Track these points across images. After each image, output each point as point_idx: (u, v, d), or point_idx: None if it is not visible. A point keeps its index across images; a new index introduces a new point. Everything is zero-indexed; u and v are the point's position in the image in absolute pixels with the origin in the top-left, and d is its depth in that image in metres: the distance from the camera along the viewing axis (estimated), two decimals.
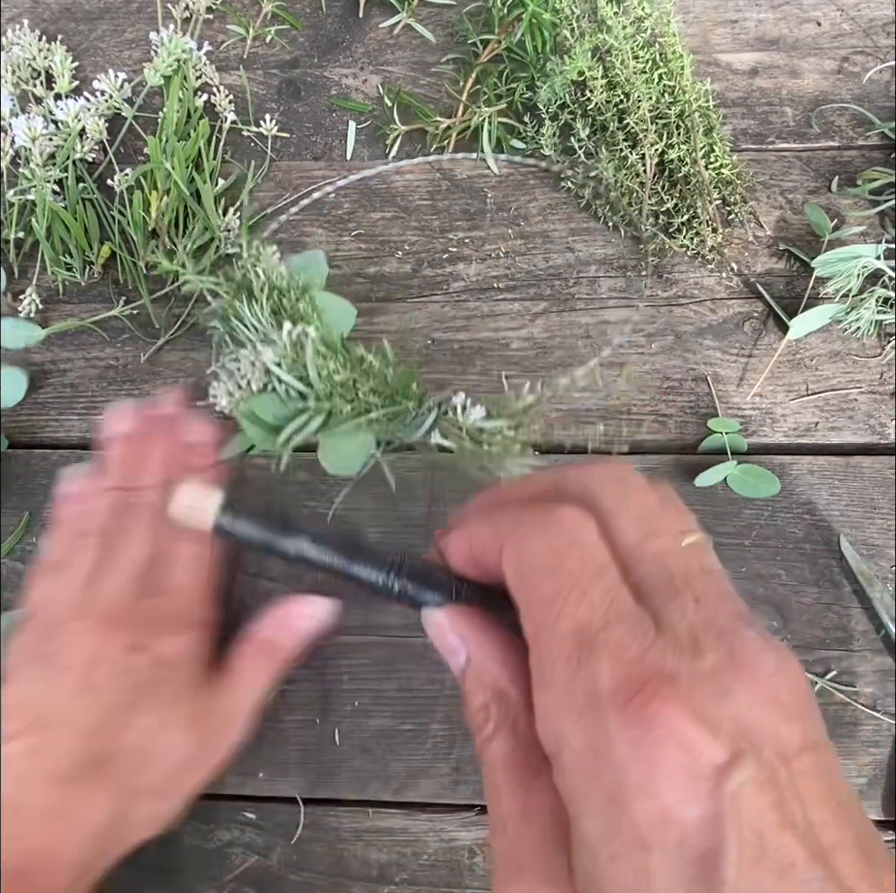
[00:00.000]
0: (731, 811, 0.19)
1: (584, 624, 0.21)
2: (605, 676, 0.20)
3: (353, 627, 0.47)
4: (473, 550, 0.27)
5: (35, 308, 0.53)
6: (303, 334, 0.37)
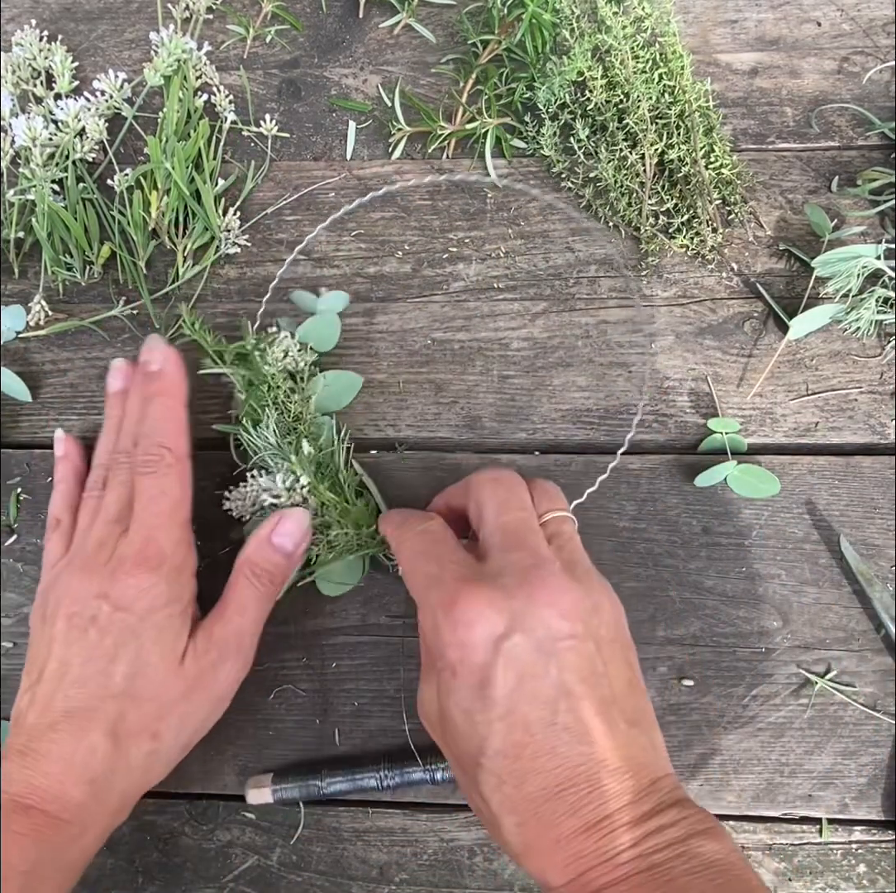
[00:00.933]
0: (502, 659, 0.33)
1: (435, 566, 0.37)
2: (443, 589, 0.35)
3: (353, 627, 0.47)
4: (448, 502, 0.43)
5: (44, 316, 0.53)
6: (294, 481, 0.45)
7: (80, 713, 0.38)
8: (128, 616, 0.39)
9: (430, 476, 0.50)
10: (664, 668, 0.46)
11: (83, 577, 0.41)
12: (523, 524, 0.38)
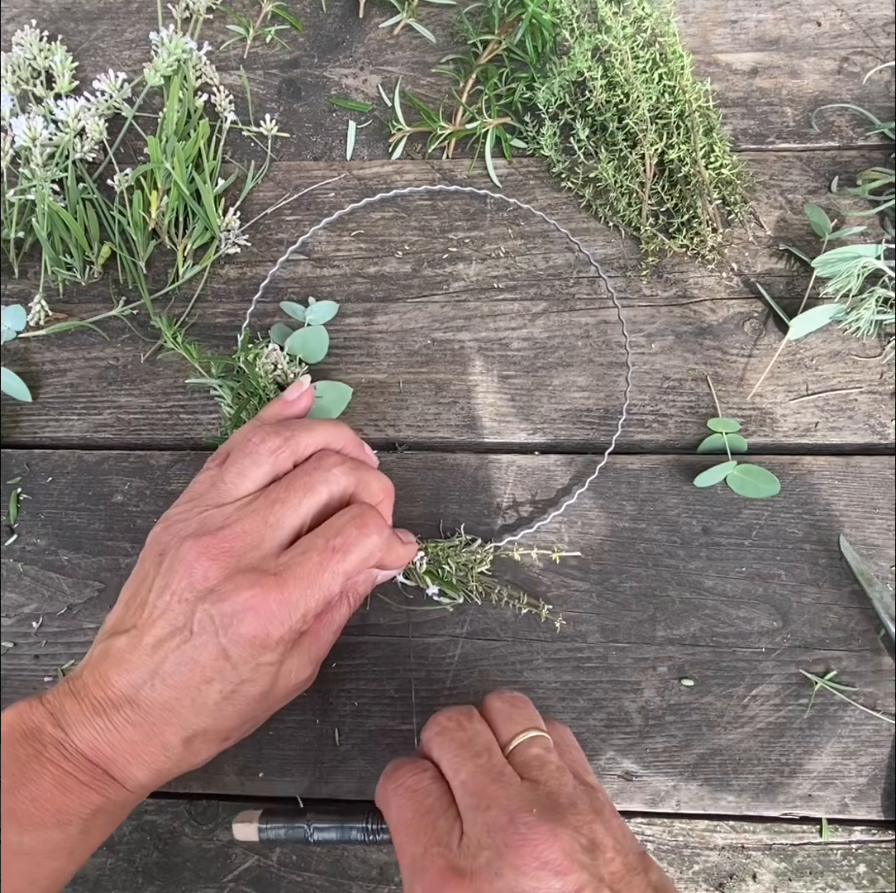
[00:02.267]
0: None
1: (420, 847, 0.32)
2: (427, 882, 0.31)
3: (352, 627, 0.47)
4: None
5: (44, 316, 0.53)
6: None
7: (161, 711, 0.37)
8: (232, 645, 0.37)
9: (430, 476, 0.50)
10: (664, 668, 0.46)
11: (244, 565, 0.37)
12: (483, 775, 0.33)
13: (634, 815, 0.45)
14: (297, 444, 0.42)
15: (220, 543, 0.38)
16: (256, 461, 0.41)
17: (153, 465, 0.51)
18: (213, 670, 0.37)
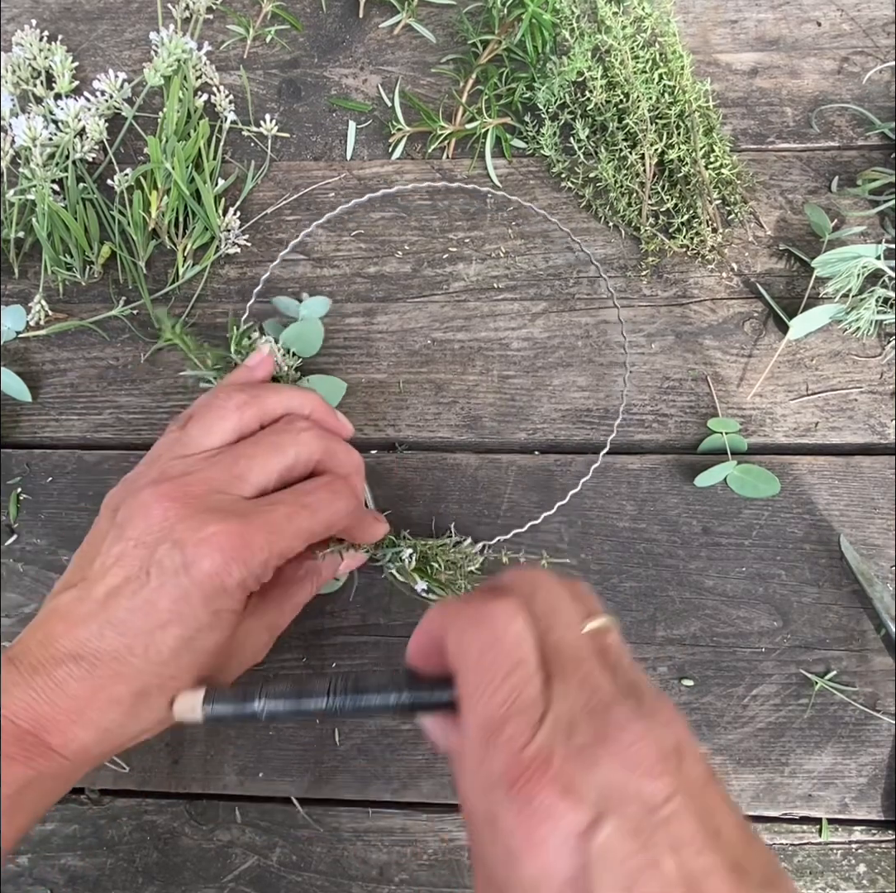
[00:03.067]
0: (598, 862, 0.24)
1: (491, 717, 0.26)
2: (499, 765, 0.25)
3: (353, 627, 0.47)
4: (428, 640, 0.32)
5: (44, 316, 0.53)
6: None
7: (110, 662, 0.34)
8: (193, 586, 0.34)
9: (430, 476, 0.50)
10: (664, 668, 0.46)
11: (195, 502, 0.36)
12: (576, 642, 0.29)
13: None
14: (264, 402, 0.41)
15: (181, 487, 0.36)
16: (222, 416, 0.39)
17: None
18: (172, 613, 0.34)
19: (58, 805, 0.47)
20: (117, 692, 0.34)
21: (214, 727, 0.45)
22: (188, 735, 0.47)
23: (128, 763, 0.47)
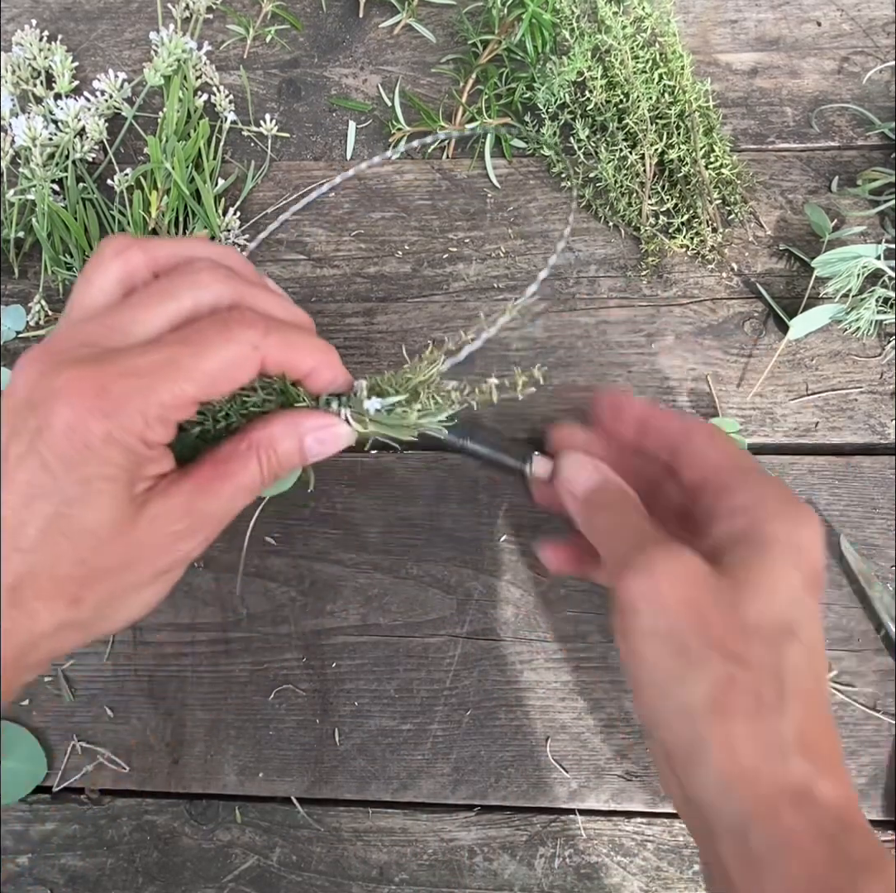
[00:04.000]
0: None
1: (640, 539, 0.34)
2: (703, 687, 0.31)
3: (352, 627, 0.47)
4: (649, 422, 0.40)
5: (44, 316, 0.53)
6: None
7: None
8: (49, 450, 0.29)
9: (430, 476, 0.50)
10: None
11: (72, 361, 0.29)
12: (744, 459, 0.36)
13: (634, 815, 0.45)
14: (155, 249, 0.34)
15: (48, 347, 0.31)
16: (100, 265, 0.33)
17: None
18: (33, 487, 0.29)
19: (58, 805, 0.47)
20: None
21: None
22: (188, 735, 0.47)
23: (128, 763, 0.47)
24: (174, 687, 0.47)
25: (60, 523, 0.30)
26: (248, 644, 0.47)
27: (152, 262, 0.34)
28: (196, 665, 0.48)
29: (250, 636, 0.48)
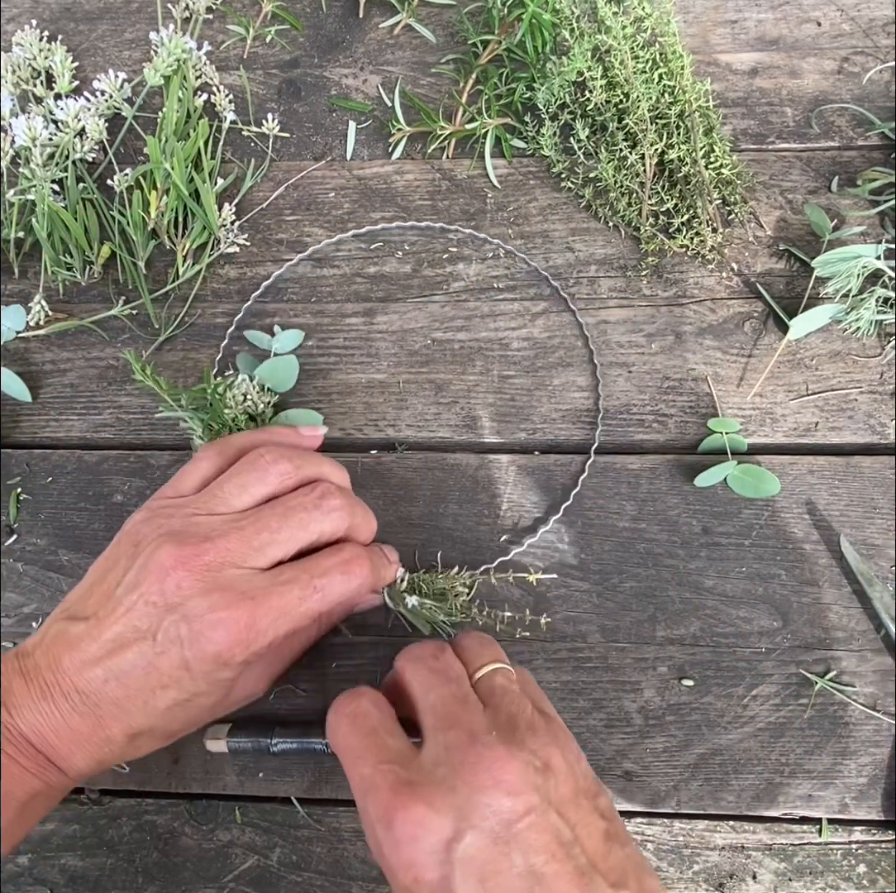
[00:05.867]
0: (458, 868, 0.30)
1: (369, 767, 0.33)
2: (378, 798, 0.32)
3: (353, 627, 0.47)
4: (390, 683, 0.39)
5: (44, 316, 0.53)
6: None
7: (110, 706, 0.36)
8: (195, 660, 0.36)
9: (430, 476, 0.50)
10: (664, 668, 0.46)
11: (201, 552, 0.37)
12: (451, 699, 0.35)
13: (634, 815, 0.45)
14: (305, 474, 0.42)
15: (200, 555, 0.37)
16: (264, 480, 0.40)
17: (153, 465, 0.51)
18: (172, 678, 0.36)
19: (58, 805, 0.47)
20: (112, 733, 0.37)
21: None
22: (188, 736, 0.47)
23: (128, 763, 0.47)
24: None
25: (185, 704, 0.37)
26: None
27: (299, 483, 0.42)
28: None
29: None
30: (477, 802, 0.31)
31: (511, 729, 0.33)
